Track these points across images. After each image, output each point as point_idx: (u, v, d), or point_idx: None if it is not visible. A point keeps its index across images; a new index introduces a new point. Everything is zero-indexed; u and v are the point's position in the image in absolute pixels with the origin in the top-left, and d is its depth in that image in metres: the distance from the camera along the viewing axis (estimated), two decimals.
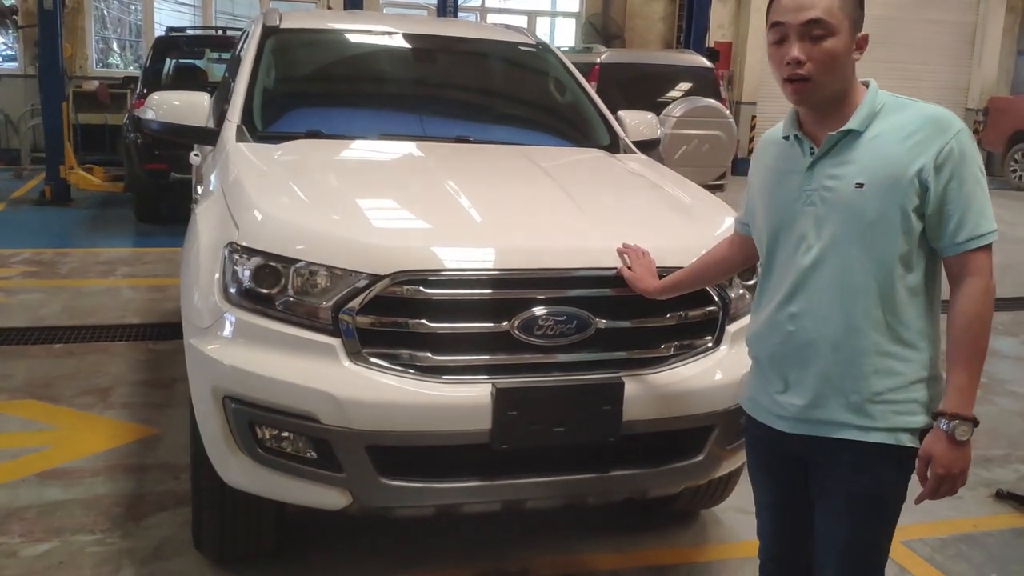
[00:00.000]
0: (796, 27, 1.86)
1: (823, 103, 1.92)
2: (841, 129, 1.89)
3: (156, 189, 8.81)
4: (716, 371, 2.70)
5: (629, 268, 2.59)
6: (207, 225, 2.89)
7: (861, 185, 1.87)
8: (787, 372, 2.00)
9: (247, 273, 2.55)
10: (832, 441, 1.95)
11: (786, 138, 2.01)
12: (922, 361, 1.92)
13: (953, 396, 1.85)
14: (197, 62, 10.25)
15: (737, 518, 3.51)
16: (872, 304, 1.89)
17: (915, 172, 1.83)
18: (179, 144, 5.18)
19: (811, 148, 1.95)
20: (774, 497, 2.19)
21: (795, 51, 1.86)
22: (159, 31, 12.79)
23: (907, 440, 1.92)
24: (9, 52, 13.90)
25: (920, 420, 1.92)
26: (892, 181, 1.84)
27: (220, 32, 10.91)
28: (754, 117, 15.42)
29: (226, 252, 2.62)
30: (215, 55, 10.35)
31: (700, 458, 2.72)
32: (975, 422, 1.85)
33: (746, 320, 2.83)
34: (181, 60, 9.87)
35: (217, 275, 2.63)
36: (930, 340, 1.94)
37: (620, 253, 2.62)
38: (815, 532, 2.07)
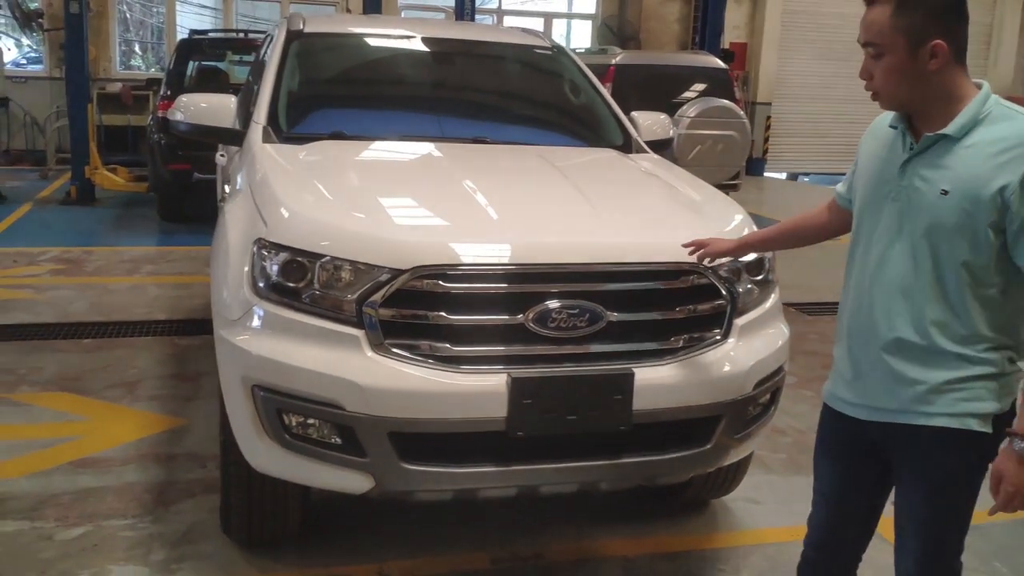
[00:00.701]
0: (863, 47, 1.99)
1: (912, 107, 2.00)
2: (937, 132, 1.95)
3: (179, 189, 8.98)
4: (724, 363, 2.79)
5: (698, 249, 2.67)
6: (236, 222, 3.01)
7: (946, 192, 1.91)
8: (859, 357, 2.08)
9: (275, 268, 2.67)
10: (902, 427, 2.02)
11: (893, 127, 2.07)
12: (991, 361, 1.96)
13: (1020, 417, 1.91)
14: (219, 64, 10.40)
15: (746, 507, 3.60)
16: (939, 307, 1.95)
17: (998, 189, 1.86)
18: (202, 145, 5.34)
19: (911, 144, 2.00)
20: (835, 486, 2.25)
21: (862, 67, 2.00)
22: (181, 34, 12.97)
23: (975, 424, 1.96)
24: (34, 55, 14.14)
25: (989, 406, 1.96)
26: (974, 194, 1.88)
27: (242, 35, 11.05)
28: (769, 117, 15.44)
29: (255, 248, 2.74)
30: (236, 57, 10.50)
31: (708, 447, 2.80)
32: None
33: (753, 314, 2.94)
34: (203, 62, 10.01)
35: (246, 269, 2.75)
36: (1003, 347, 1.97)
37: (687, 247, 2.69)
38: (895, 511, 2.13)
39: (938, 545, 2.08)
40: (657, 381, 2.68)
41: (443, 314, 2.58)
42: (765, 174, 15.36)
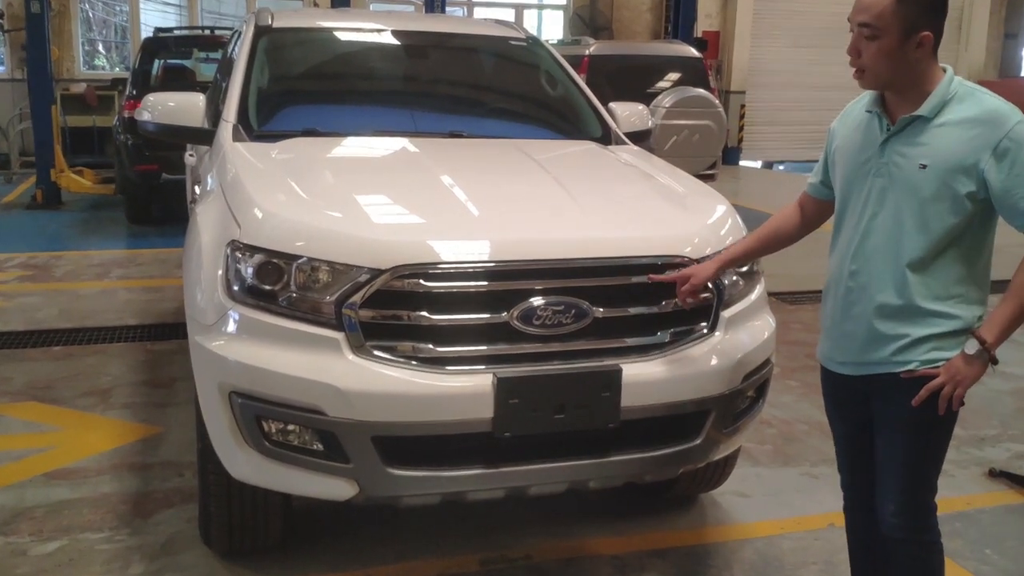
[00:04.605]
0: (854, 26, 2.15)
1: (890, 88, 2.20)
2: (912, 114, 2.16)
3: (147, 190, 8.84)
4: (712, 356, 2.75)
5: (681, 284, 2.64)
6: (208, 224, 2.92)
7: (924, 166, 2.14)
8: (844, 321, 2.30)
9: (250, 270, 2.59)
10: (885, 376, 2.25)
11: (869, 112, 2.28)
12: (962, 317, 2.19)
13: (986, 321, 2.17)
14: (185, 62, 10.24)
15: (735, 501, 3.57)
16: (918, 269, 2.17)
17: (973, 163, 2.10)
18: (170, 145, 5.22)
19: (888, 126, 2.22)
20: (847, 434, 2.48)
21: (851, 44, 2.17)
22: (145, 32, 12.77)
23: None
24: None
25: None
26: (951, 168, 2.11)
27: (208, 32, 10.89)
28: (743, 106, 15.47)
29: (228, 250, 2.66)
30: (203, 55, 10.34)
31: (698, 442, 2.77)
32: (985, 347, 2.13)
33: (739, 307, 2.91)
34: (169, 61, 9.86)
35: (220, 272, 2.67)
36: (973, 303, 2.21)
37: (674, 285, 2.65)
38: (877, 456, 2.35)
39: (917, 483, 2.30)
40: (645, 377, 2.64)
41: (425, 314, 2.51)
42: (740, 163, 15.40)
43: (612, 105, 4.21)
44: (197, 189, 3.94)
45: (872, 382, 2.29)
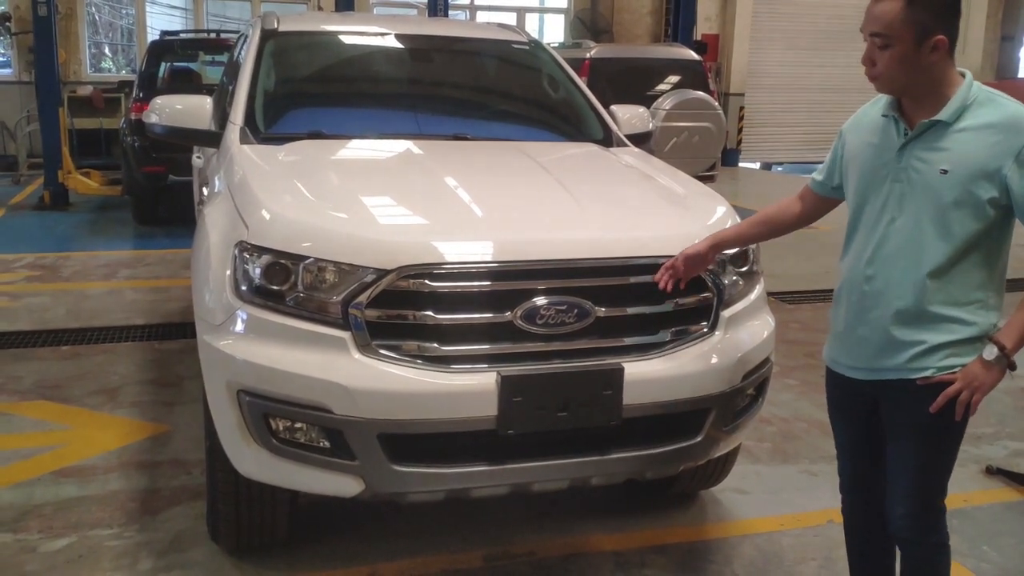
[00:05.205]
0: (866, 36, 2.15)
1: (907, 94, 2.18)
2: (932, 119, 2.14)
3: (154, 192, 8.90)
4: (712, 356, 2.79)
5: (670, 267, 2.65)
6: (216, 225, 2.97)
7: (945, 171, 2.12)
8: (858, 326, 2.29)
9: (258, 271, 2.63)
10: (897, 382, 2.24)
11: (885, 116, 2.25)
12: (981, 325, 2.18)
13: (1004, 327, 2.16)
14: (191, 65, 10.30)
15: (734, 498, 3.61)
16: (938, 275, 2.15)
17: (995, 169, 2.08)
18: (177, 147, 5.27)
19: (905, 130, 2.19)
20: (850, 437, 2.48)
21: (865, 54, 2.17)
22: (151, 35, 12.83)
23: None
24: (2, 59, 13.94)
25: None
26: (973, 173, 2.09)
27: (213, 35, 10.95)
28: (742, 108, 15.51)
29: (236, 251, 2.71)
30: (208, 58, 10.41)
31: (698, 439, 2.81)
32: (1004, 352, 2.12)
33: (739, 306, 2.95)
34: (175, 63, 9.92)
35: (228, 273, 2.71)
36: (991, 309, 2.19)
37: (664, 276, 2.65)
38: (887, 459, 2.34)
39: (927, 487, 2.30)
40: (646, 375, 2.68)
41: (430, 313, 2.56)
42: (740, 164, 15.43)
43: (613, 107, 4.26)
44: (204, 191, 3.99)
45: (883, 387, 2.28)
